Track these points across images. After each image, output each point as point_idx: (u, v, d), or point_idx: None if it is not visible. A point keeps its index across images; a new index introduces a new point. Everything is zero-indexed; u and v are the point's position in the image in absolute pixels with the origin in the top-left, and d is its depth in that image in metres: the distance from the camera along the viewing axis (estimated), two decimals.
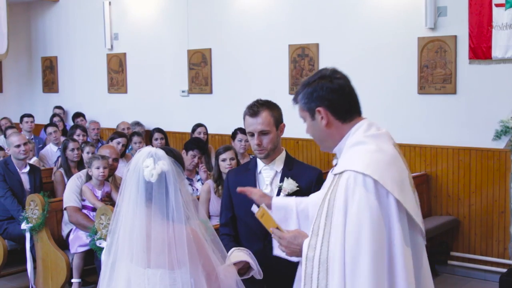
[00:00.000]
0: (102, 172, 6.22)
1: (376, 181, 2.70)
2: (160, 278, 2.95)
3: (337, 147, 2.98)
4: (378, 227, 2.68)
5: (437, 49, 7.76)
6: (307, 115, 2.99)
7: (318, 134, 3.01)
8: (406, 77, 8.04)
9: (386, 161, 2.80)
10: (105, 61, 11.76)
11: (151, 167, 2.95)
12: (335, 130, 2.95)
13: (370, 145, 2.83)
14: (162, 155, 3.01)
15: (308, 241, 2.81)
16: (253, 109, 3.85)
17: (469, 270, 7.69)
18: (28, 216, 6.31)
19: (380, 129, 2.96)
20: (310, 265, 2.76)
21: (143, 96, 11.21)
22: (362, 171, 2.72)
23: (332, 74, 2.96)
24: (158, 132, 9.24)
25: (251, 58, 9.64)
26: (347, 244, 2.67)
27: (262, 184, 3.93)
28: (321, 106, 2.91)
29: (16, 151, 7.17)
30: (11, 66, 13.57)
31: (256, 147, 3.86)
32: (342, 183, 2.76)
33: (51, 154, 9.29)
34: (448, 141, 7.82)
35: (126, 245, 3.02)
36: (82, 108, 11.93)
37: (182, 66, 10.49)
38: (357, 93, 3.01)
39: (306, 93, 2.95)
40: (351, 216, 2.68)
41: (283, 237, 3.01)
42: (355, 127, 2.94)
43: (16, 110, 12.60)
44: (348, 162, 2.81)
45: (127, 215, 3.02)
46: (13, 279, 7.40)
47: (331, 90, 2.91)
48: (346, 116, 2.95)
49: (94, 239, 5.70)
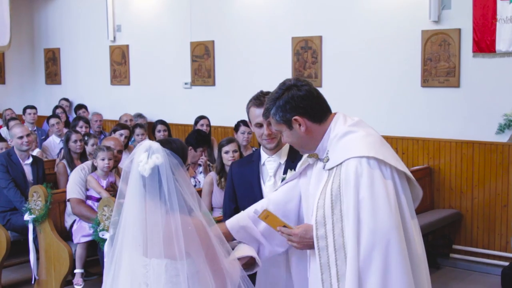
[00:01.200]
0: (107, 163, 6.26)
1: (380, 160, 2.86)
2: (165, 268, 2.95)
3: (320, 146, 3.08)
4: (394, 202, 2.82)
5: (440, 42, 7.74)
6: (284, 127, 3.08)
7: (299, 141, 3.11)
8: (410, 70, 8.02)
9: (378, 142, 2.97)
10: (107, 53, 11.75)
11: (144, 161, 2.98)
12: (315, 133, 3.06)
13: (359, 132, 2.99)
14: (156, 148, 3.03)
15: (315, 233, 2.89)
16: (260, 99, 3.80)
17: (471, 264, 7.70)
18: (31, 207, 6.32)
19: (354, 118, 3.10)
20: (324, 254, 2.86)
21: (145, 88, 11.21)
22: (366, 154, 2.86)
23: (297, 83, 3.07)
24: (161, 124, 9.24)
25: (254, 51, 9.63)
26: (364, 223, 2.77)
27: (266, 175, 3.90)
28: (297, 115, 3.01)
29: (19, 142, 7.17)
30: (14, 58, 13.56)
31: (266, 137, 3.83)
32: (345, 171, 2.87)
33: (54, 145, 9.30)
34: (451, 135, 7.80)
35: (129, 236, 3.03)
36: (84, 100, 11.92)
37: (185, 58, 10.48)
38: (322, 94, 3.12)
39: (278, 106, 3.04)
40: (364, 195, 2.79)
41: (294, 234, 3.07)
42: (332, 122, 3.07)
43: (18, 101, 12.60)
44: (345, 151, 2.92)
45: (129, 207, 3.05)
46: (16, 269, 7.42)
47: (302, 97, 3.02)
48: (322, 117, 3.06)
49: (97, 230, 5.71)
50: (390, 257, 2.75)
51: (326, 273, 2.85)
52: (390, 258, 2.75)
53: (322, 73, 8.83)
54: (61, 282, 6.21)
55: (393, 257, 2.75)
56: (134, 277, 3.04)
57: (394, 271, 2.75)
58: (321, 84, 8.78)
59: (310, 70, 8.91)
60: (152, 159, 2.99)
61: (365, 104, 8.29)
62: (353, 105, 8.36)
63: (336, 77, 8.68)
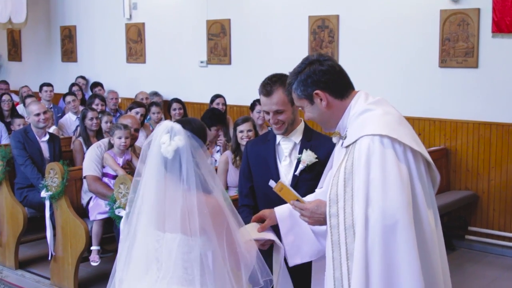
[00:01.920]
0: (123, 141, 6.27)
1: (394, 139, 2.81)
2: (178, 244, 2.97)
3: (340, 123, 3.07)
4: (406, 182, 2.78)
5: (459, 22, 7.66)
6: (305, 102, 3.07)
7: (321, 117, 3.09)
8: (428, 50, 7.95)
9: (396, 121, 2.92)
10: (123, 31, 11.74)
11: (166, 143, 3.00)
12: (336, 109, 3.04)
13: (377, 110, 2.95)
14: (178, 130, 3.04)
15: (328, 211, 2.88)
16: (266, 88, 3.77)
17: (487, 245, 7.68)
18: (47, 184, 6.35)
19: (375, 97, 3.06)
20: (335, 232, 2.84)
21: (161, 67, 11.20)
22: (379, 132, 2.83)
23: (319, 58, 3.06)
24: (177, 102, 9.24)
25: (270, 30, 9.57)
26: (373, 203, 2.74)
27: (281, 155, 3.90)
28: (318, 89, 3.00)
29: (36, 119, 7.19)
30: (30, 36, 13.59)
31: (274, 124, 3.84)
32: (358, 148, 2.85)
33: (70, 123, 9.32)
34: (469, 116, 7.75)
35: (146, 212, 3.06)
36: (100, 77, 11.93)
37: (201, 36, 10.45)
38: (345, 70, 3.11)
39: (300, 81, 3.04)
40: (375, 174, 2.77)
41: (306, 208, 3.07)
42: (353, 99, 3.05)
43: (35, 79, 12.64)
44: (360, 129, 2.89)
45: (147, 184, 3.07)
46: (33, 246, 7.49)
47: (324, 72, 3.01)
48: (343, 93, 3.05)
49: (113, 208, 5.74)
50: (397, 237, 2.72)
51: (336, 251, 2.85)
52: (397, 238, 2.72)
53: (338, 53, 8.78)
54: (77, 258, 6.26)
55: (400, 238, 2.72)
56: (147, 252, 3.06)
57: (400, 252, 2.72)
58: None
59: (326, 50, 8.85)
60: (174, 141, 3.01)
61: (382, 84, 8.24)
62: (370, 85, 8.24)
63: (352, 57, 8.62)
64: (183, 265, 2.98)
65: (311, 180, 3.74)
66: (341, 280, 2.83)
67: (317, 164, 3.78)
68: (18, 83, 12.90)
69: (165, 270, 2.99)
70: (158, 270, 3.02)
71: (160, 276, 3.01)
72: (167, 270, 2.99)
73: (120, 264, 3.14)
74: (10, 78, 13.83)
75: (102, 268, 6.46)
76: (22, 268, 7.01)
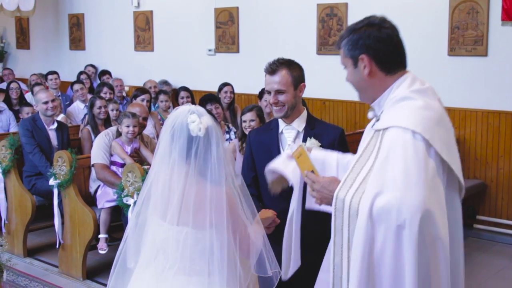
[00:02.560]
0: (132, 130, 6.27)
1: (426, 140, 2.59)
2: (185, 236, 2.92)
3: (377, 101, 2.86)
4: (427, 178, 2.55)
5: (469, 10, 7.61)
6: (349, 62, 2.87)
7: (359, 83, 2.89)
8: (436, 38, 7.91)
9: (435, 119, 2.69)
10: (132, 19, 11.72)
11: (197, 121, 2.88)
12: (377, 81, 2.83)
13: (418, 101, 2.72)
14: (203, 111, 2.96)
15: (337, 192, 2.71)
16: (272, 67, 3.80)
17: (495, 234, 7.66)
18: (56, 172, 6.37)
19: (424, 83, 2.84)
20: (340, 216, 2.68)
21: (169, 55, 11.18)
22: (412, 128, 2.61)
23: (381, 23, 2.83)
24: (184, 90, 9.24)
25: (278, 17, 9.54)
26: (389, 194, 2.54)
27: (285, 144, 3.89)
28: (366, 54, 2.80)
29: (44, 107, 7.20)
30: (38, 23, 13.59)
31: (273, 105, 3.83)
32: (387, 138, 2.66)
33: (78, 111, 9.33)
34: (478, 104, 7.71)
35: (158, 201, 2.98)
36: (108, 66, 11.94)
37: (209, 24, 10.42)
38: (404, 46, 2.89)
39: (351, 39, 2.83)
40: (396, 165, 2.57)
41: (317, 181, 2.89)
42: (398, 80, 2.82)
43: (43, 67, 12.65)
44: (394, 118, 2.69)
45: (165, 172, 2.96)
46: (41, 233, 7.52)
47: (378, 39, 2.79)
48: (391, 68, 2.83)
49: (121, 196, 5.75)
50: (402, 237, 2.52)
51: (338, 236, 2.70)
52: (403, 238, 2.52)
53: None
54: (85, 246, 6.29)
55: (405, 238, 2.51)
56: (153, 242, 3.03)
57: (404, 254, 2.53)
58: None
59: (335, 38, 8.81)
60: (204, 119, 2.91)
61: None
62: None
63: None
64: (190, 256, 2.92)
65: None
66: (340, 267, 2.70)
67: None
68: (26, 71, 12.93)
69: (172, 260, 2.94)
70: (165, 260, 2.98)
71: (167, 266, 2.97)
72: (174, 260, 2.94)
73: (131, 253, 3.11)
74: (18, 66, 13.88)
75: (110, 256, 6.48)
76: (30, 256, 7.05)
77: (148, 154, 6.34)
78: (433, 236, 2.56)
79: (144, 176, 5.52)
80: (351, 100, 8.61)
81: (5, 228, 7.21)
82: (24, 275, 6.45)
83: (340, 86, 8.87)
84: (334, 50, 8.77)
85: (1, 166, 7.06)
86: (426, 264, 2.57)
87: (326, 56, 8.93)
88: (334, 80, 8.79)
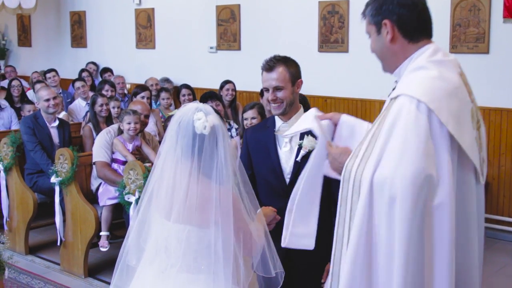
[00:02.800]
0: (133, 127, 6.26)
1: (431, 110, 2.51)
2: (187, 234, 2.90)
3: (398, 70, 2.81)
4: (426, 150, 2.48)
5: (470, 7, 7.60)
6: (373, 29, 2.82)
7: (381, 51, 2.83)
8: (438, 36, 7.76)
9: (446, 90, 2.60)
10: (133, 16, 11.71)
11: (203, 119, 2.87)
12: (399, 48, 2.77)
13: (432, 71, 2.64)
14: (210, 110, 2.95)
15: (346, 163, 2.69)
16: (269, 64, 3.79)
17: (497, 232, 7.64)
18: (57, 170, 6.38)
19: (448, 55, 2.77)
20: (346, 187, 2.65)
21: (171, 52, 11.17)
22: (418, 97, 2.54)
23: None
24: (186, 88, 9.24)
25: (280, 15, 9.53)
26: (383, 167, 2.51)
27: (282, 142, 3.85)
28: (389, 19, 2.74)
29: (46, 105, 7.20)
30: (40, 21, 13.58)
31: (272, 102, 3.80)
32: (394, 107, 2.60)
33: (80, 108, 9.34)
34: (479, 101, 7.48)
35: (161, 199, 2.97)
36: (109, 63, 11.94)
37: (210, 22, 10.41)
38: (430, 15, 2.84)
39: (375, 5, 2.78)
40: (396, 137, 2.52)
41: (329, 152, 2.90)
42: (420, 50, 2.75)
43: (44, 64, 12.64)
44: (405, 86, 2.64)
45: (169, 169, 2.95)
46: (43, 231, 7.53)
47: (402, 4, 2.73)
48: (414, 35, 2.76)
49: (122, 194, 5.75)
50: (395, 211, 2.47)
51: (343, 207, 2.67)
52: (395, 212, 2.47)
53: (349, 38, 8.73)
54: (87, 244, 6.29)
55: (398, 212, 2.47)
56: (156, 240, 3.02)
57: (397, 227, 2.49)
58: (347, 49, 8.69)
59: (336, 35, 8.81)
60: (210, 117, 2.91)
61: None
62: (380, 71, 8.24)
63: (363, 43, 8.48)
64: (192, 255, 2.92)
65: None
66: (342, 238, 2.67)
67: None
68: (28, 68, 12.92)
69: (175, 258, 2.94)
70: (167, 258, 2.97)
71: (169, 264, 2.96)
72: (176, 259, 2.93)
73: (134, 250, 3.10)
74: (20, 64, 13.87)
75: (111, 253, 6.49)
76: (32, 254, 7.06)
77: (150, 152, 6.34)
78: (432, 207, 2.51)
79: (146, 174, 5.53)
80: (353, 97, 8.60)
81: (6, 226, 7.22)
82: (26, 272, 6.46)
83: (342, 84, 8.92)
84: (336, 48, 8.78)
85: (2, 163, 7.07)
86: (420, 237, 2.51)
87: (328, 53, 8.93)
88: (336, 78, 8.80)
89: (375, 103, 8.39)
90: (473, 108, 2.75)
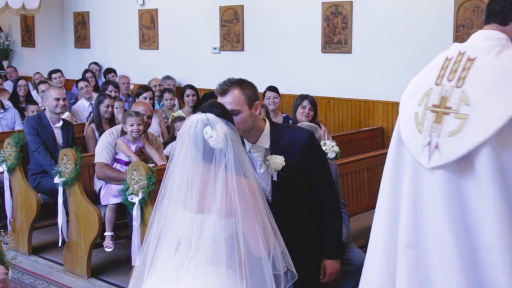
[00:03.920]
0: (136, 129, 6.25)
1: None
2: (209, 225, 2.98)
3: None
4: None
5: (474, 8, 7.59)
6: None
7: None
8: (442, 37, 7.88)
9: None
10: (136, 17, 11.72)
11: (214, 136, 2.95)
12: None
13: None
14: (214, 118, 3.01)
15: None
16: (223, 88, 3.61)
17: None
18: (61, 170, 6.38)
19: None
20: None
21: (174, 53, 11.18)
22: None
23: None
24: (190, 88, 9.24)
25: (283, 15, 9.53)
26: None
27: (255, 163, 3.74)
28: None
29: (54, 104, 7.18)
30: (43, 21, 13.61)
31: None
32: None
33: (83, 109, 9.34)
34: None
35: (178, 192, 3.05)
36: (113, 64, 11.94)
37: (214, 22, 10.42)
38: None
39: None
40: None
41: None
42: None
43: (48, 65, 12.65)
44: None
45: (181, 167, 3.05)
46: (46, 231, 7.54)
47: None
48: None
49: (126, 194, 5.75)
50: None
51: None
52: None
53: (352, 39, 8.72)
54: (90, 244, 6.30)
55: None
56: (176, 233, 3.10)
57: None
58: (351, 50, 8.68)
59: (340, 36, 8.81)
60: (219, 130, 2.97)
61: (396, 71, 8.19)
62: (383, 72, 8.27)
63: (366, 43, 8.57)
64: (213, 245, 2.99)
65: (292, 179, 3.68)
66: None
67: (287, 166, 3.66)
68: (31, 69, 12.93)
69: (195, 250, 3.01)
70: (187, 250, 3.05)
71: (189, 256, 3.03)
72: (197, 250, 3.01)
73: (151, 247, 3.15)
74: (23, 64, 13.90)
75: (115, 254, 6.50)
76: (35, 254, 7.07)
77: (153, 152, 6.35)
78: None
79: (149, 175, 5.55)
80: (356, 98, 8.60)
81: (10, 226, 7.22)
82: (29, 273, 6.46)
83: (345, 85, 8.91)
84: (339, 49, 8.77)
85: (6, 164, 7.08)
86: None
87: (331, 54, 8.92)
88: (339, 78, 8.80)
89: (378, 104, 8.39)
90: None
